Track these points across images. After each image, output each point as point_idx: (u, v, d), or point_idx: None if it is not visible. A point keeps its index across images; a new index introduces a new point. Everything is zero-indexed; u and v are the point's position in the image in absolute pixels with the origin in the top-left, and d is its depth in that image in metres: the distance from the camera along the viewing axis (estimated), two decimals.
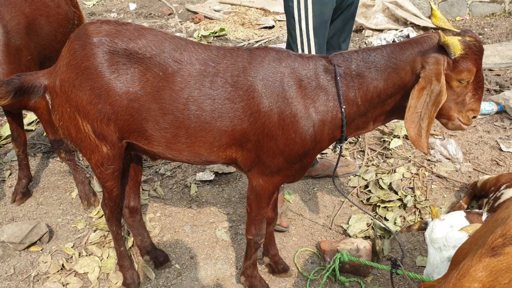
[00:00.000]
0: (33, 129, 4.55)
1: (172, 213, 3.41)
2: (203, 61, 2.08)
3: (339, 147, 2.26)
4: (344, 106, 2.04)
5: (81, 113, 2.17)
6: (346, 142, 2.30)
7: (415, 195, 3.36)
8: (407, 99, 1.99)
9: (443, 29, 1.98)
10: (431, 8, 1.99)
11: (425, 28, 6.33)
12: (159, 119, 2.12)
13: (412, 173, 3.60)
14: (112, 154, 2.28)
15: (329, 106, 2.04)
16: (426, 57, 1.95)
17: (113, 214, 2.60)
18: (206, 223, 3.30)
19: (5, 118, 4.50)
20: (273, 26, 6.79)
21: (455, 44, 1.90)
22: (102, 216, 3.33)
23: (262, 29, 6.78)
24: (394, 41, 6.05)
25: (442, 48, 1.93)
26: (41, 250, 3.12)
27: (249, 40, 6.44)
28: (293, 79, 2.02)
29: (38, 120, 4.53)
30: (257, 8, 7.34)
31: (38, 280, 2.90)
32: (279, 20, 6.91)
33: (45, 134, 4.36)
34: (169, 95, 2.08)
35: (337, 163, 2.41)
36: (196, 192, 3.60)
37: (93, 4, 7.97)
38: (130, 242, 3.07)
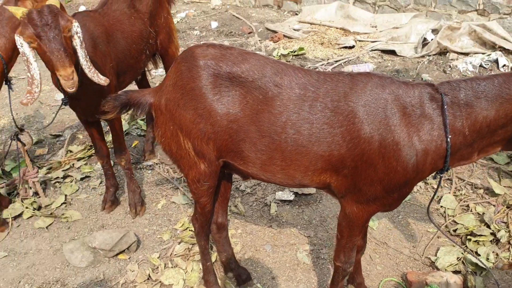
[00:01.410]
0: None
1: (253, 231, 3.43)
2: (303, 86, 2.09)
3: (439, 177, 2.18)
4: (450, 136, 1.97)
5: (184, 131, 2.25)
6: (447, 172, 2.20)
7: (509, 230, 3.17)
8: None
9: None
10: None
11: None
12: (256, 141, 2.16)
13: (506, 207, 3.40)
14: (209, 171, 2.34)
15: (434, 136, 1.98)
16: None
17: (203, 229, 2.66)
18: (287, 244, 3.29)
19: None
20: (353, 46, 6.73)
21: None
22: (186, 228, 3.43)
23: (342, 49, 6.74)
24: (481, 65, 5.80)
25: None
26: (129, 258, 3.24)
27: (328, 59, 6.43)
28: (396, 106, 1.98)
29: (126, 132, 4.76)
30: (337, 28, 7.32)
31: None
32: (359, 40, 6.85)
33: (134, 145, 4.57)
34: (267, 118, 2.11)
35: (434, 194, 2.32)
36: (276, 211, 3.61)
37: (177, 22, 8.30)
38: (213, 257, 3.12)
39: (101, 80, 2.84)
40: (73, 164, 4.31)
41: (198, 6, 9.21)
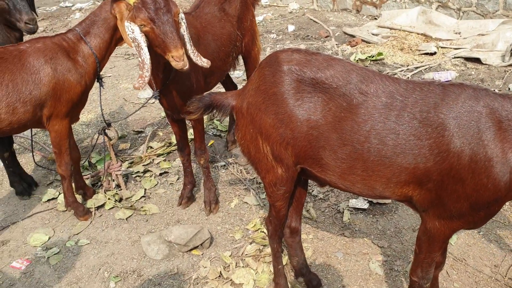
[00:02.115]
0: None
1: (325, 237, 3.41)
2: (390, 94, 2.05)
3: None
4: None
5: (263, 135, 2.28)
6: None
7: None
8: None
9: None
10: None
11: None
12: (337, 149, 2.13)
13: None
14: (286, 176, 2.36)
15: None
16: None
17: (276, 232, 2.69)
18: (359, 253, 3.23)
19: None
20: (434, 53, 6.48)
21: None
22: (258, 230, 3.47)
23: (423, 55, 6.51)
24: None
25: None
26: (202, 254, 3.34)
27: (408, 65, 6.24)
28: (491, 120, 1.89)
29: None
30: (417, 34, 7.08)
31: (197, 283, 3.10)
32: (441, 47, 6.58)
33: (210, 144, 4.69)
34: (350, 126, 2.08)
35: None
36: (349, 219, 3.56)
37: None
38: (284, 260, 3.13)
39: (204, 62, 2.96)
40: (153, 160, 4.50)
41: (276, 9, 9.28)
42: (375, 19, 8.08)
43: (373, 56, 6.50)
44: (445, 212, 2.05)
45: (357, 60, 6.42)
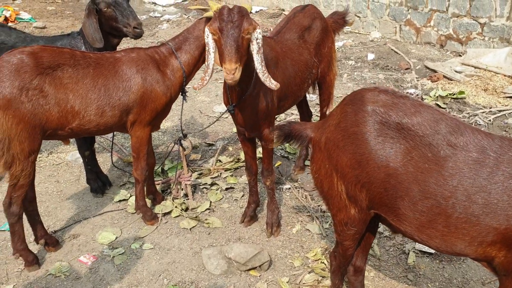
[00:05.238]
0: None
1: (386, 277, 3.31)
2: (482, 150, 1.96)
3: None
4: None
5: (339, 173, 2.26)
6: None
7: None
8: None
9: None
10: None
11: None
12: (417, 201, 2.05)
13: None
14: (358, 217, 2.31)
15: None
16: None
17: (339, 269, 2.64)
18: None
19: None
20: None
21: None
22: (318, 260, 3.43)
23: (508, 99, 6.21)
24: None
25: None
26: (259, 276, 3.34)
27: (490, 107, 5.97)
28: None
29: None
30: (504, 75, 6.76)
31: None
32: None
33: (277, 165, 4.72)
34: (435, 179, 2.00)
35: None
36: (414, 261, 3.43)
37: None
38: None
39: (272, 84, 2.96)
40: (220, 174, 4.59)
41: (357, 37, 9.23)
42: (460, 55, 7.82)
43: (454, 94, 6.28)
44: None
45: (437, 97, 6.23)
